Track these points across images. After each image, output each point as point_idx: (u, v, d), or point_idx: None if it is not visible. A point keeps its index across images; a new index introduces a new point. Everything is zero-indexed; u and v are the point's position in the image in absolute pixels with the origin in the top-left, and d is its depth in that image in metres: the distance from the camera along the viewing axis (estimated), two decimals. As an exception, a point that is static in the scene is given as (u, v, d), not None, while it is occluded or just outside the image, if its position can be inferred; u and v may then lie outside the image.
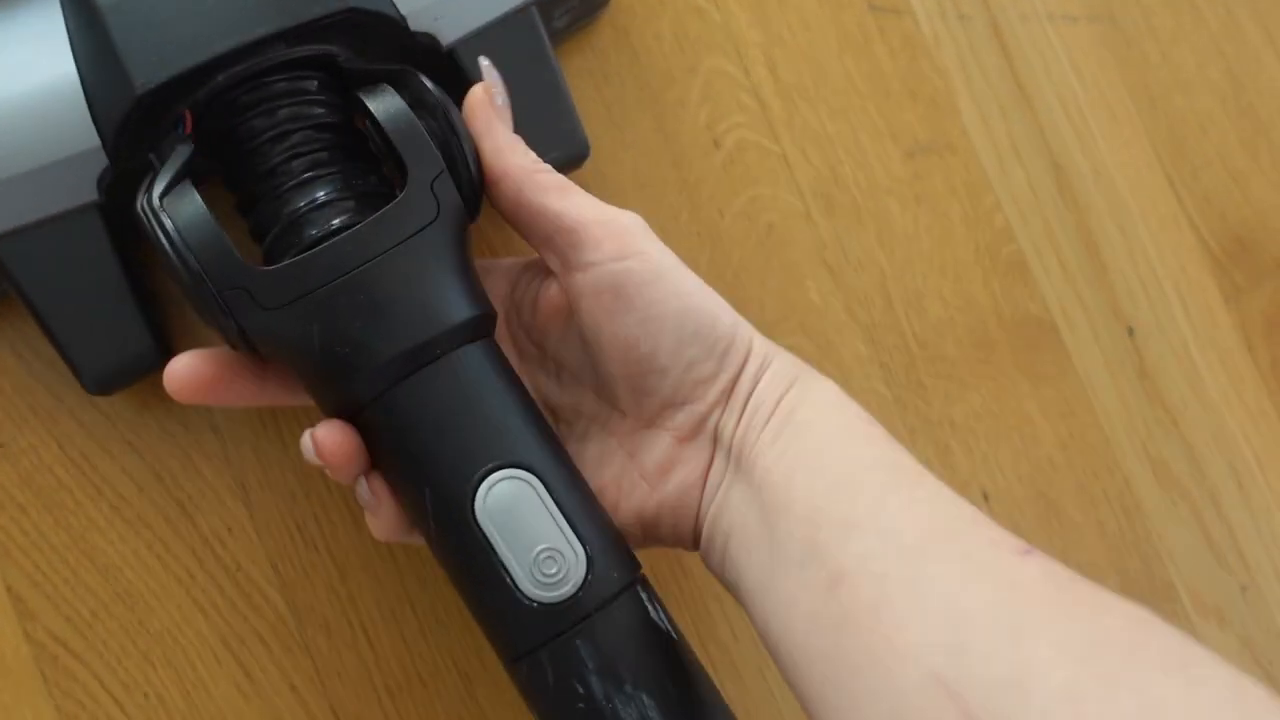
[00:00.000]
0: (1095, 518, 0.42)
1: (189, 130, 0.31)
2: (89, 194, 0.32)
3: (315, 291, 0.29)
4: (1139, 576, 0.42)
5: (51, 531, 0.36)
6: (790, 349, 0.41)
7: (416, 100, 0.31)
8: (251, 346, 0.30)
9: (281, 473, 0.38)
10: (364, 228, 0.29)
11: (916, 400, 0.41)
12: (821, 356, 0.41)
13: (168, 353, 0.34)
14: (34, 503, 0.36)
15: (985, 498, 0.41)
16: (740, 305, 0.40)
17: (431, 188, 0.30)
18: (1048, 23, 0.44)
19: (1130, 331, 0.43)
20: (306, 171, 0.31)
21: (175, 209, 0.29)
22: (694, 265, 0.40)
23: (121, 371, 0.34)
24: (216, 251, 0.28)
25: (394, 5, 0.33)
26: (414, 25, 0.33)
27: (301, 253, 0.29)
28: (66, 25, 0.32)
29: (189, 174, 0.30)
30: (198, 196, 0.29)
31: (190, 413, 0.37)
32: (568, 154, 0.37)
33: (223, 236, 0.28)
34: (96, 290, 0.33)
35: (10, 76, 0.31)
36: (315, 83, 0.32)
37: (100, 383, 0.34)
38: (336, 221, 0.30)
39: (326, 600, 0.37)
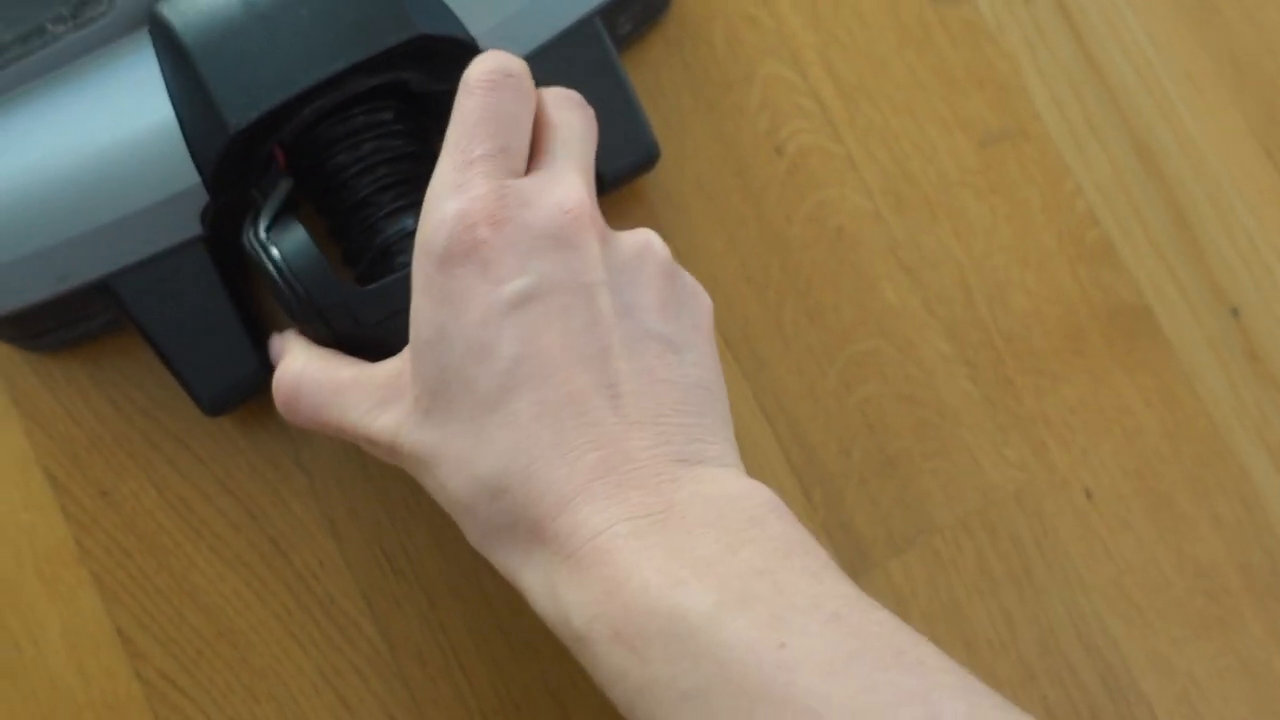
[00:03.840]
0: (1210, 510, 0.40)
1: (283, 166, 0.33)
2: (194, 228, 0.34)
3: (406, 309, 0.31)
4: (1262, 571, 0.40)
5: (155, 574, 0.38)
6: (869, 353, 0.40)
7: None
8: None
9: (367, 504, 0.38)
10: None
11: (1006, 398, 0.40)
12: (903, 358, 0.40)
13: (273, 372, 0.36)
14: (138, 547, 0.38)
15: (1088, 495, 0.40)
16: (815, 312, 0.40)
17: None
18: (1117, -7, 0.42)
19: (1234, 312, 0.41)
20: (394, 202, 0.33)
21: (281, 241, 0.32)
22: (764, 274, 0.40)
23: (233, 392, 0.36)
24: (320, 276, 0.31)
25: (464, 28, 0.34)
26: (485, 45, 0.34)
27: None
28: (161, 69, 0.33)
29: (290, 207, 0.33)
30: (301, 228, 0.32)
31: (278, 451, 0.38)
32: (639, 158, 0.38)
33: (325, 263, 0.32)
34: (205, 318, 0.35)
35: (115, 123, 0.33)
36: (391, 113, 0.34)
37: (215, 405, 0.36)
38: None
39: (419, 629, 0.38)
